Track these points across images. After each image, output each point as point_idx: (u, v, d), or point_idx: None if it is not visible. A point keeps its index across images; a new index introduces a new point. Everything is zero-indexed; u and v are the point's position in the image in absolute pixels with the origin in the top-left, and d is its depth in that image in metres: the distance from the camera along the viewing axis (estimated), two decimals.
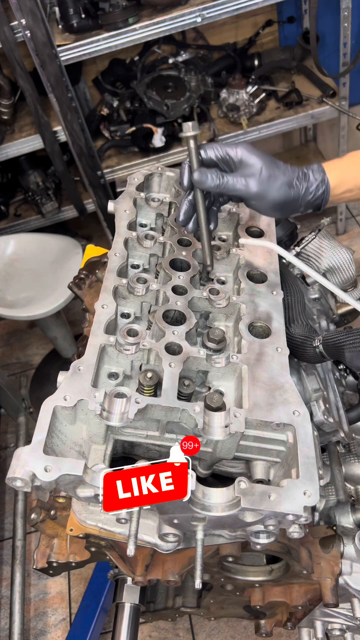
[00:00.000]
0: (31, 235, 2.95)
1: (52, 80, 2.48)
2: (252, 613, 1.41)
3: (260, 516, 0.83)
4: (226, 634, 2.16)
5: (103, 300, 1.03)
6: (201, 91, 2.92)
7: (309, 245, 1.37)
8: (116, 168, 2.94)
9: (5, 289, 2.70)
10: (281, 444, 0.92)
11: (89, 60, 2.81)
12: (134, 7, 2.38)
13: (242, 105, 2.91)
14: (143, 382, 0.92)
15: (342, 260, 1.37)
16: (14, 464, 0.80)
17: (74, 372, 0.91)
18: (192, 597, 1.44)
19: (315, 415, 1.13)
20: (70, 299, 2.53)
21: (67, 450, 0.90)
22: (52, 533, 1.20)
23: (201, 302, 1.08)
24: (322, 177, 1.07)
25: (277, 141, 3.65)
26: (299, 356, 1.11)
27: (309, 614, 1.31)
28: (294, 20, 3.06)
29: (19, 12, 2.27)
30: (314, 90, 2.93)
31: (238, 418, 0.88)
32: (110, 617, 2.15)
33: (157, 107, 2.84)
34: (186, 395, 0.95)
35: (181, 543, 1.00)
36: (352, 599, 1.25)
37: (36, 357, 3.26)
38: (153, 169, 1.31)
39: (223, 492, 0.84)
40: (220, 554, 1.08)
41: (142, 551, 1.10)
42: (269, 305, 1.07)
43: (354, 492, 1.31)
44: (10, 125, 2.80)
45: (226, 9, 2.41)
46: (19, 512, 2.46)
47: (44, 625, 2.31)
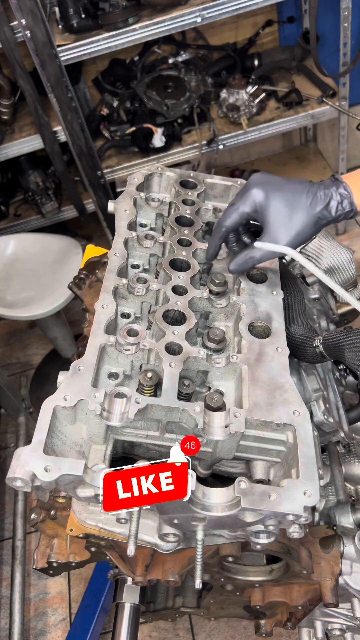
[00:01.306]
0: (31, 235, 2.95)
1: (52, 80, 2.48)
2: (252, 613, 1.41)
3: (260, 516, 0.83)
4: (226, 634, 2.16)
5: (103, 300, 1.03)
6: (201, 91, 2.92)
7: (309, 245, 1.37)
8: (116, 168, 2.94)
9: (5, 289, 2.70)
10: (281, 444, 0.92)
11: (89, 60, 2.81)
12: (134, 7, 2.38)
13: (242, 105, 2.91)
14: (143, 382, 0.92)
15: (342, 260, 1.37)
16: (14, 464, 0.80)
17: (74, 372, 0.91)
18: (192, 597, 1.44)
19: (315, 415, 1.13)
20: (70, 299, 2.53)
21: (67, 450, 0.90)
22: (52, 533, 1.20)
23: (201, 302, 1.08)
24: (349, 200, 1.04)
25: (277, 141, 3.65)
26: (299, 356, 1.11)
27: (309, 614, 1.31)
28: (294, 20, 3.06)
29: (19, 12, 2.27)
30: (314, 90, 2.93)
31: (238, 418, 0.88)
32: (110, 617, 2.15)
33: (157, 107, 2.84)
34: (186, 395, 0.95)
35: (181, 543, 1.00)
36: (352, 599, 1.25)
37: (36, 357, 3.26)
38: (153, 169, 1.31)
39: (223, 492, 0.84)
40: (220, 554, 1.08)
41: (142, 551, 1.10)
42: (269, 305, 1.07)
43: (354, 492, 1.31)
44: (10, 125, 2.80)
45: (226, 9, 2.41)
46: (19, 512, 2.46)
47: (44, 625, 2.31)
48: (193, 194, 1.25)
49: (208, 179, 1.30)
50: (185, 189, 1.27)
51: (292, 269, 1.34)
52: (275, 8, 3.03)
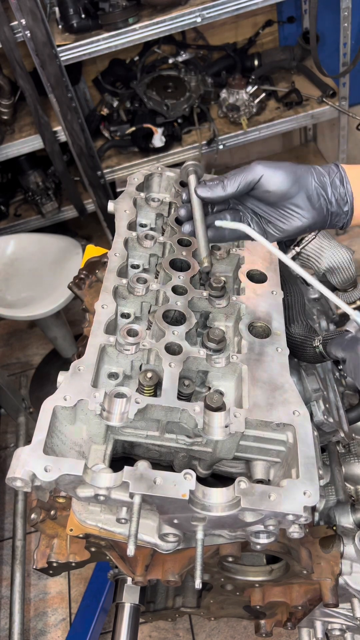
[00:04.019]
0: (31, 235, 2.95)
1: (52, 80, 2.48)
2: (252, 613, 1.41)
3: (260, 516, 0.83)
4: (226, 634, 2.16)
5: (103, 300, 1.03)
6: (201, 91, 2.92)
7: (308, 245, 1.37)
8: (116, 168, 2.95)
9: (5, 289, 2.70)
10: (281, 444, 0.92)
11: (89, 60, 2.81)
12: (134, 7, 2.38)
13: (242, 105, 2.91)
14: (143, 382, 0.92)
15: (342, 260, 1.37)
16: (14, 464, 0.80)
17: (74, 372, 0.91)
18: (192, 597, 1.44)
19: (315, 415, 1.13)
20: (70, 299, 2.53)
21: (67, 450, 0.90)
22: (52, 533, 1.20)
23: (201, 302, 1.08)
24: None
25: (277, 141, 3.65)
26: (299, 356, 1.11)
27: (309, 614, 1.31)
28: (294, 20, 3.06)
29: (19, 12, 2.27)
30: (314, 90, 2.93)
31: (238, 418, 0.88)
32: (110, 617, 2.15)
33: (157, 107, 2.84)
34: (186, 395, 0.95)
35: (181, 543, 1.00)
36: (352, 599, 1.25)
37: (36, 357, 3.26)
38: (153, 169, 1.31)
39: (223, 492, 0.84)
40: (220, 554, 1.08)
41: (142, 551, 1.10)
42: (269, 305, 1.07)
43: (354, 492, 1.31)
44: (10, 125, 2.80)
45: (226, 9, 2.41)
46: (19, 512, 2.46)
47: (44, 625, 2.31)
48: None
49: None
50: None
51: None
52: (275, 8, 3.04)
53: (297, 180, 0.93)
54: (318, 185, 0.94)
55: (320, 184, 0.95)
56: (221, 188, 0.93)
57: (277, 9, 3.04)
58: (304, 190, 0.93)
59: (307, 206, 0.94)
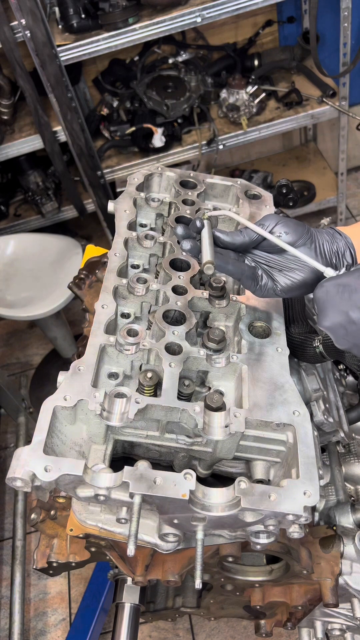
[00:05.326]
0: (31, 235, 2.95)
1: (52, 80, 2.48)
2: (252, 613, 1.41)
3: (260, 516, 0.83)
4: (226, 634, 2.16)
5: (103, 300, 1.03)
6: (201, 91, 2.92)
7: None
8: (116, 168, 2.95)
9: (5, 289, 2.71)
10: (281, 444, 0.92)
11: (89, 60, 2.81)
12: (134, 7, 2.38)
13: (242, 105, 2.91)
14: (143, 382, 0.92)
15: None
16: (14, 464, 0.81)
17: (74, 372, 0.91)
18: (192, 597, 1.44)
19: (315, 415, 1.13)
20: (70, 299, 2.53)
21: (67, 450, 0.90)
22: (52, 533, 1.20)
23: (201, 302, 1.08)
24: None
25: (277, 141, 3.65)
26: (299, 356, 1.11)
27: (309, 614, 1.31)
28: (294, 20, 3.06)
29: (19, 12, 2.27)
30: (314, 90, 2.93)
31: (238, 418, 0.88)
32: (110, 617, 2.15)
33: (157, 107, 2.84)
34: (186, 395, 0.95)
35: (181, 543, 1.00)
36: (352, 599, 1.25)
37: (36, 357, 3.26)
38: (153, 169, 1.31)
39: (223, 492, 0.84)
40: (220, 554, 1.08)
41: (142, 551, 1.10)
42: (269, 305, 1.07)
43: (354, 492, 1.31)
44: (10, 125, 2.80)
45: (226, 9, 2.41)
46: (19, 512, 2.46)
47: (44, 625, 2.31)
48: (193, 194, 1.25)
49: (208, 179, 1.30)
50: (185, 189, 1.27)
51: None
52: (275, 8, 3.03)
53: (308, 230, 0.96)
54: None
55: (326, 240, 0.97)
56: (239, 234, 0.96)
57: (277, 9, 3.04)
58: (313, 241, 0.95)
59: (313, 255, 0.95)
